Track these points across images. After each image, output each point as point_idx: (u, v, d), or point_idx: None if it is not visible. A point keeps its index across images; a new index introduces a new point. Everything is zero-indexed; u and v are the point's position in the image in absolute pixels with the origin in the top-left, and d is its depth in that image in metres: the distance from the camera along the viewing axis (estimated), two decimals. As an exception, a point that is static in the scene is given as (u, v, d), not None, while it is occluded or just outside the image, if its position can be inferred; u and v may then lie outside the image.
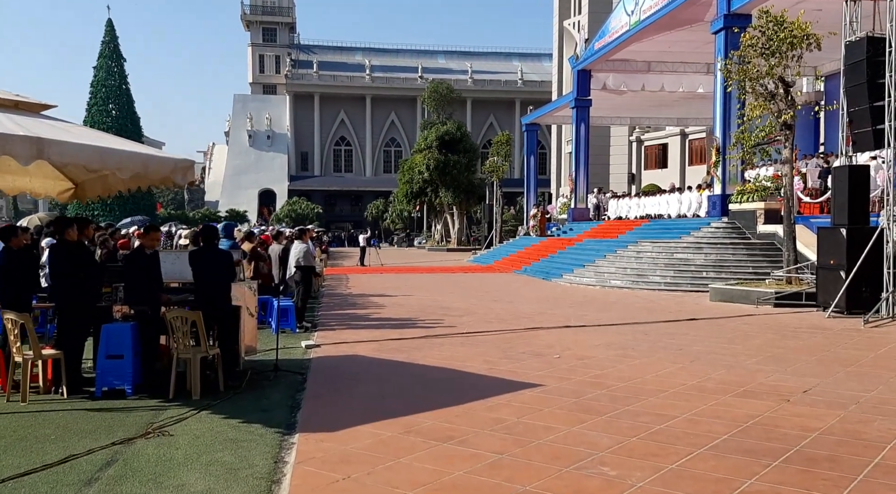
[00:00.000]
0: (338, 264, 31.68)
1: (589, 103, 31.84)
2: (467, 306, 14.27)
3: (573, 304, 14.78)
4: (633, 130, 51.38)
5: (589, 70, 31.48)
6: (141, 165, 6.25)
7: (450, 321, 12.11)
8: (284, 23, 78.85)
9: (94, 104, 60.53)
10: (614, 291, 17.72)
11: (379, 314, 13.05)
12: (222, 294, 7.13)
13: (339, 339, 10.14)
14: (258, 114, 74.10)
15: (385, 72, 76.42)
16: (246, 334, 8.08)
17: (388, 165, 75.75)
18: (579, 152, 32.47)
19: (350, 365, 8.23)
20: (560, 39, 59.42)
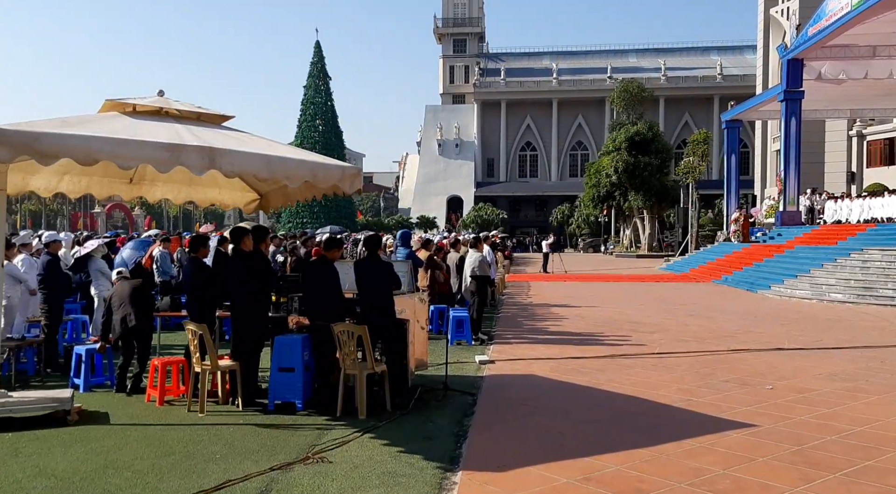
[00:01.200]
0: (520, 270, 31.19)
1: (801, 95, 28.56)
2: (659, 321, 13.03)
3: (785, 321, 12.96)
4: (852, 123, 45.65)
5: (801, 59, 28.23)
6: (309, 173, 6.06)
7: (638, 337, 11.03)
8: (474, 33, 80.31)
9: (303, 121, 65.57)
10: (834, 306, 15.41)
11: (559, 327, 12.26)
12: (384, 307, 6.79)
13: (514, 354, 9.52)
14: (447, 123, 76.03)
15: (573, 74, 75.03)
16: (416, 347, 7.72)
17: (574, 169, 74.21)
18: (789, 150, 29.20)
19: (525, 387, 7.56)
20: (766, 29, 54.49)
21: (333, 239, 7.38)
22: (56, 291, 8.16)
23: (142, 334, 7.19)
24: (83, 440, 5.51)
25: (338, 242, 7.23)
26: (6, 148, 4.90)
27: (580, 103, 74.18)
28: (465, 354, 9.59)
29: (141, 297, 7.26)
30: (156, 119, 6.13)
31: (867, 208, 25.22)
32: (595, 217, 56.53)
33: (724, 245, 30.24)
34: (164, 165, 5.46)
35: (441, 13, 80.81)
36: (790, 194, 29.30)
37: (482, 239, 11.91)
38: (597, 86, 72.91)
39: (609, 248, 53.91)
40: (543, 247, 30.68)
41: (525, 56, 79.69)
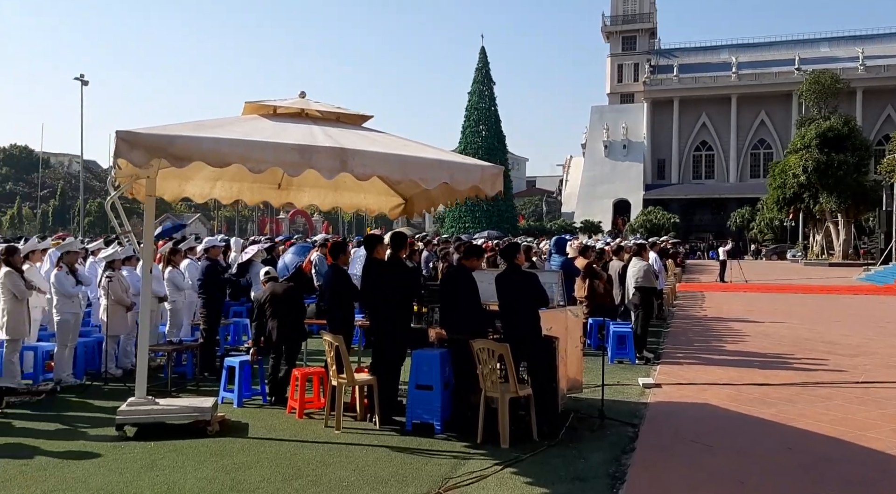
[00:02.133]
0: (694, 279, 28.98)
1: None
2: (861, 342, 11.18)
3: None
4: None
5: None
6: (446, 174, 5.56)
7: (837, 362, 9.43)
8: (645, 29, 77.05)
9: (467, 127, 66.22)
10: None
11: (739, 347, 10.86)
12: (527, 324, 6.09)
13: (684, 377, 8.42)
14: (614, 124, 73.43)
15: (754, 68, 69.55)
16: (569, 367, 6.95)
17: (756, 170, 68.66)
18: None
19: (697, 419, 6.53)
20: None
21: (473, 246, 6.81)
22: (214, 296, 8.31)
23: (292, 339, 7.04)
24: (218, 454, 5.36)
25: (477, 249, 6.64)
26: (140, 151, 4.84)
27: (763, 99, 68.55)
28: (627, 375, 8.64)
29: (292, 301, 7.10)
30: (295, 121, 5.92)
31: None
32: (780, 221, 51.79)
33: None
34: (294, 169, 5.19)
35: (610, 11, 78.39)
36: None
37: (648, 245, 10.80)
38: (782, 79, 67.00)
39: (796, 255, 49.08)
40: (720, 254, 28.30)
41: (700, 50, 75.08)
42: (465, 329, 6.01)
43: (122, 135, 4.79)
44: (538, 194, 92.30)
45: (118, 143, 4.79)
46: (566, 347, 6.89)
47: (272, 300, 7.02)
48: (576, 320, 7.22)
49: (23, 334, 7.30)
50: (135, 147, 4.81)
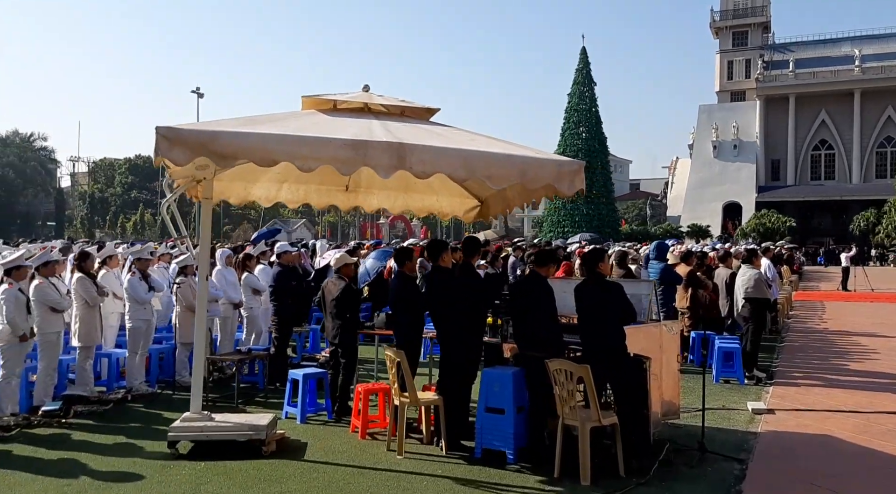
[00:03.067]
0: (812, 287, 26.70)
1: None
2: None
3: None
4: None
5: None
6: (517, 171, 4.93)
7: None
8: (757, 23, 72.96)
9: (566, 129, 64.83)
10: None
11: (866, 366, 9.54)
12: (611, 342, 5.33)
13: (802, 402, 7.35)
14: (724, 123, 69.84)
15: (880, 61, 64.30)
16: (664, 389, 6.13)
17: (882, 169, 63.35)
18: None
19: (817, 455, 5.57)
20: None
21: (545, 251, 6.13)
22: (285, 302, 8.02)
23: (344, 347, 6.59)
24: (268, 479, 4.94)
25: (550, 255, 5.94)
26: (181, 149, 4.49)
27: (890, 93, 63.21)
28: (734, 397, 7.66)
29: (343, 305, 6.60)
30: (355, 116, 5.46)
31: None
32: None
33: None
34: (346, 166, 4.71)
35: (719, 6, 74.73)
36: None
37: (759, 251, 9.68)
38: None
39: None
40: (843, 260, 25.92)
41: (819, 44, 70.25)
42: (538, 346, 5.35)
43: (163, 131, 4.46)
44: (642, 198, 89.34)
45: (158, 140, 4.46)
46: (660, 366, 6.08)
47: (323, 300, 6.62)
48: (671, 336, 6.37)
49: (95, 340, 7.24)
50: (175, 144, 4.46)
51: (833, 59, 66.95)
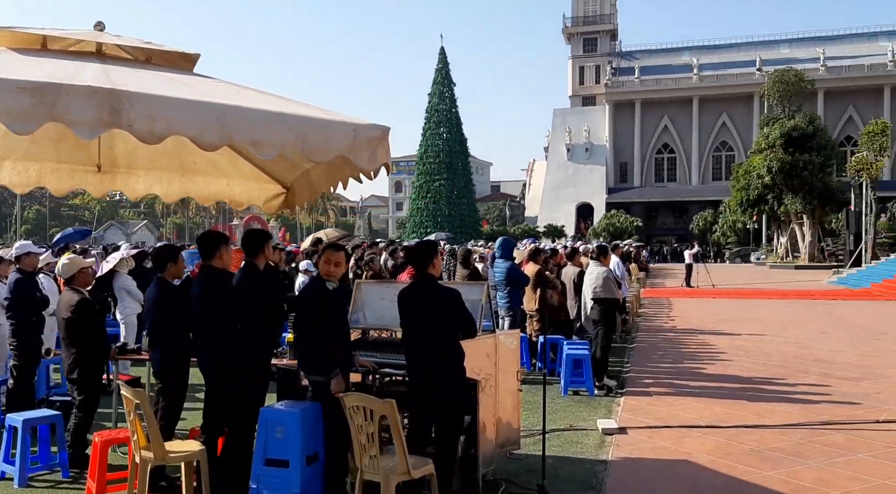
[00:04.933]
0: (658, 284, 27.42)
1: None
2: (861, 360, 9.46)
3: None
4: None
5: None
6: (294, 136, 3.56)
7: (839, 388, 7.66)
8: (606, 31, 76.12)
9: (427, 129, 64.33)
10: None
11: (718, 369, 9.04)
12: (439, 364, 4.12)
13: (656, 416, 6.54)
14: (577, 127, 72.31)
15: (716, 69, 69.01)
16: (501, 416, 5.01)
17: (718, 172, 68.05)
18: None
19: (677, 490, 4.64)
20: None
21: (330, 246, 4.79)
22: (29, 321, 6.13)
23: (80, 382, 4.97)
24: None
25: (334, 248, 4.59)
26: None
27: (724, 101, 68.04)
28: (584, 413, 6.74)
29: (76, 326, 5.01)
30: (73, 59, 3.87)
31: None
32: (743, 224, 50.89)
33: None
34: (24, 123, 3.12)
35: (571, 12, 77.32)
36: None
37: (606, 249, 8.89)
38: (744, 81, 66.56)
39: (760, 258, 48.16)
40: (686, 257, 26.76)
41: (662, 52, 74.43)
42: (316, 366, 4.04)
43: None
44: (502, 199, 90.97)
45: None
46: (496, 387, 4.95)
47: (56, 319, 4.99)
48: (510, 349, 5.26)
49: None
50: None
51: (674, 68, 71.10)
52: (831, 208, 40.54)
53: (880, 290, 21.66)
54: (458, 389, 4.14)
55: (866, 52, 66.50)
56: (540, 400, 6.07)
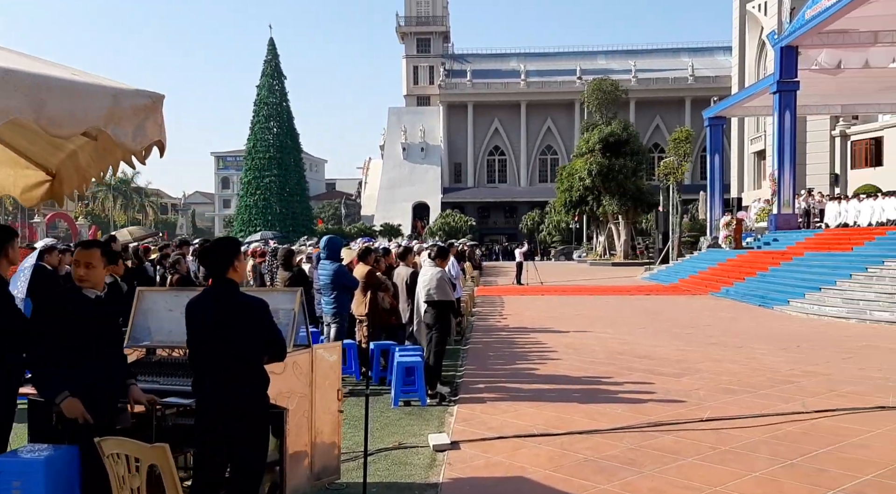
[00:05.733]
0: (491, 282, 27.93)
1: (795, 86, 25.88)
2: (678, 355, 9.80)
3: (842, 352, 9.84)
4: (835, 122, 43.52)
5: (795, 46, 25.54)
6: (25, 102, 2.65)
7: (663, 385, 7.77)
8: (438, 32, 77.26)
9: (256, 123, 61.56)
10: (883, 328, 12.40)
11: (550, 369, 8.94)
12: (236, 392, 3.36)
13: (491, 426, 6.16)
14: (412, 126, 72.79)
15: (541, 76, 72.42)
16: (318, 442, 4.34)
17: (544, 174, 71.52)
18: (783, 147, 26.50)
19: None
20: (742, 25, 52.42)
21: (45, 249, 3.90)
22: None
23: None
24: None
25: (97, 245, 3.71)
26: None
27: (549, 106, 71.60)
28: (415, 426, 6.22)
29: None
30: None
31: (880, 209, 22.55)
32: (566, 224, 53.73)
33: (714, 252, 27.35)
34: None
35: (404, 11, 77.65)
36: (785, 196, 26.56)
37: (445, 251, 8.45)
38: (566, 88, 70.43)
39: (581, 256, 51.08)
40: (517, 256, 27.46)
41: (491, 57, 76.87)
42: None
43: None
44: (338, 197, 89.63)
45: None
46: (311, 412, 4.27)
47: None
48: (330, 364, 4.60)
49: None
50: None
51: (503, 72, 73.70)
52: (643, 209, 43.72)
53: (686, 285, 23.40)
54: (260, 421, 3.39)
55: (671, 66, 72.82)
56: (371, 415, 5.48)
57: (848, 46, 24.88)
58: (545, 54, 76.37)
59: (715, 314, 15.45)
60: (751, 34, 51.72)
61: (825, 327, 12.88)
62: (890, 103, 32.24)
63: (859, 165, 43.49)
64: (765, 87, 27.82)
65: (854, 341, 10.94)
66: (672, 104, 70.46)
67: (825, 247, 20.27)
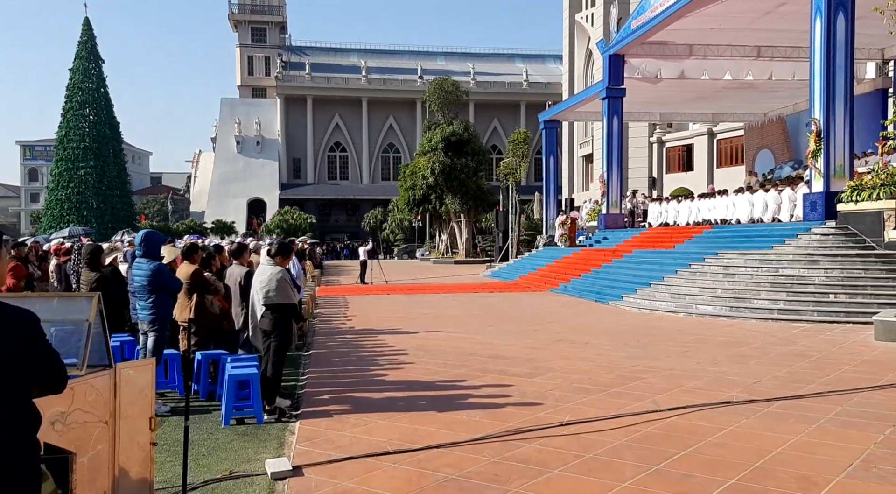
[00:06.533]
0: (334, 281, 27.00)
1: (622, 93, 27.40)
2: (529, 353, 9.63)
3: (678, 346, 10.16)
4: (653, 129, 47.04)
5: (622, 55, 27.02)
6: None
7: (519, 386, 7.47)
8: (274, 22, 74.47)
9: (69, 109, 55.87)
10: (708, 321, 13.12)
11: (401, 374, 8.38)
12: None
13: (337, 444, 5.48)
14: (247, 118, 69.58)
15: (382, 74, 72.08)
16: (122, 486, 3.44)
17: (387, 172, 71.32)
18: (612, 150, 27.99)
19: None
20: (571, 34, 55.18)
21: None
22: None
23: None
24: None
25: None
26: None
27: (391, 104, 71.46)
28: (250, 450, 5.39)
29: None
30: None
31: (696, 209, 24.33)
32: (409, 222, 53.77)
33: (550, 250, 28.31)
34: None
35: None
36: (613, 196, 28.06)
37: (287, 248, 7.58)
38: (407, 86, 70.66)
39: (424, 254, 51.33)
40: (361, 254, 26.72)
41: (331, 51, 75.39)
42: None
43: None
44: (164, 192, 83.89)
45: None
46: (113, 449, 3.37)
47: None
48: (139, 387, 3.70)
49: None
50: None
51: (344, 68, 72.54)
52: (483, 208, 44.69)
53: (527, 282, 23.92)
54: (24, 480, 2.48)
55: (506, 71, 75.42)
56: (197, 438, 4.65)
57: (667, 57, 26.65)
58: (386, 51, 76.16)
59: (557, 310, 15.71)
60: (579, 44, 54.61)
61: (657, 320, 13.42)
62: (700, 113, 35.13)
63: (674, 169, 47.32)
64: (595, 92, 29.20)
65: (685, 334, 11.41)
66: (508, 108, 72.97)
67: (650, 245, 21.51)
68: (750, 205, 20.72)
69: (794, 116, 31.85)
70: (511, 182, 35.24)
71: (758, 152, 35.38)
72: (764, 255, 15.20)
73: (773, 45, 25.30)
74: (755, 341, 10.52)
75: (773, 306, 13.09)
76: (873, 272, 13.40)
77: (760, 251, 15.53)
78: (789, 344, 10.08)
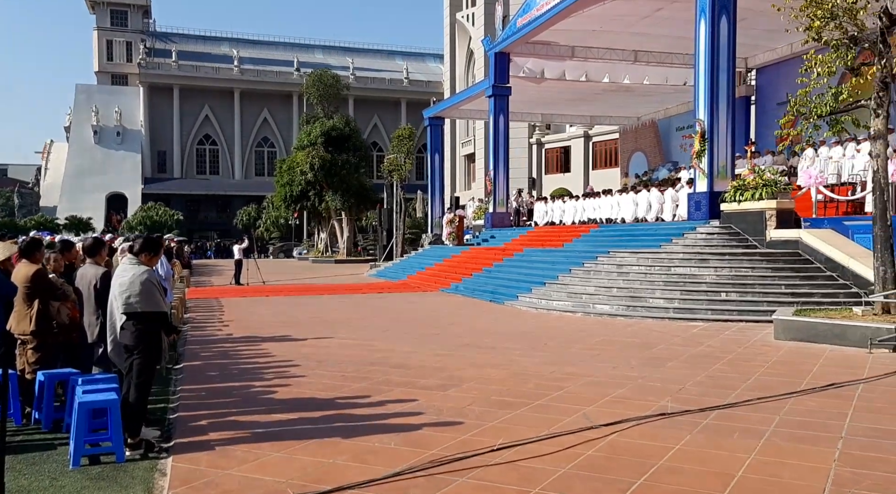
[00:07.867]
0: (205, 282, 24.98)
1: (508, 91, 27.30)
2: (436, 361, 8.77)
3: (586, 348, 9.68)
4: (533, 131, 47.78)
5: (507, 53, 26.88)
6: None
7: (431, 402, 6.59)
8: (137, 6, 69.49)
9: None
10: (607, 320, 12.85)
11: (292, 390, 7.26)
12: None
13: (223, 490, 4.36)
14: (106, 107, 64.36)
15: (256, 65, 69.02)
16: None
17: (261, 167, 68.36)
18: (498, 148, 27.82)
19: None
20: (452, 34, 55.12)
21: None
22: None
23: None
24: None
25: None
26: None
27: (265, 96, 68.56)
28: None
29: None
30: None
31: (581, 209, 24.52)
32: (286, 219, 51.61)
33: (437, 249, 27.70)
34: None
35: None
36: (500, 195, 27.88)
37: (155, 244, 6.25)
38: (283, 79, 68.09)
39: (302, 253, 49.39)
40: (235, 253, 24.86)
41: (201, 39, 71.35)
42: None
43: None
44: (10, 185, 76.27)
45: None
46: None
47: None
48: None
49: None
50: None
51: (214, 57, 68.87)
52: (366, 205, 43.50)
53: (415, 282, 23.13)
54: None
55: (386, 68, 74.55)
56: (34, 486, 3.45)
57: (550, 57, 26.78)
58: (260, 42, 73.13)
59: (454, 311, 15.00)
60: (460, 43, 54.66)
61: (557, 320, 13.01)
62: (579, 115, 35.79)
63: (552, 170, 48.33)
64: (481, 90, 28.91)
65: (589, 335, 11.00)
66: (389, 105, 72.09)
67: (539, 243, 21.35)
68: (634, 205, 21.02)
69: (666, 120, 33.12)
70: (396, 179, 34.34)
71: (632, 155, 36.54)
72: (655, 254, 15.23)
73: (649, 50, 25.99)
74: (660, 341, 10.24)
75: (668, 305, 13.01)
76: (760, 271, 13.67)
77: (650, 250, 15.57)
78: (695, 345, 9.86)
